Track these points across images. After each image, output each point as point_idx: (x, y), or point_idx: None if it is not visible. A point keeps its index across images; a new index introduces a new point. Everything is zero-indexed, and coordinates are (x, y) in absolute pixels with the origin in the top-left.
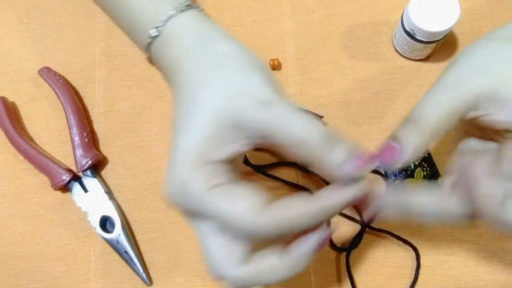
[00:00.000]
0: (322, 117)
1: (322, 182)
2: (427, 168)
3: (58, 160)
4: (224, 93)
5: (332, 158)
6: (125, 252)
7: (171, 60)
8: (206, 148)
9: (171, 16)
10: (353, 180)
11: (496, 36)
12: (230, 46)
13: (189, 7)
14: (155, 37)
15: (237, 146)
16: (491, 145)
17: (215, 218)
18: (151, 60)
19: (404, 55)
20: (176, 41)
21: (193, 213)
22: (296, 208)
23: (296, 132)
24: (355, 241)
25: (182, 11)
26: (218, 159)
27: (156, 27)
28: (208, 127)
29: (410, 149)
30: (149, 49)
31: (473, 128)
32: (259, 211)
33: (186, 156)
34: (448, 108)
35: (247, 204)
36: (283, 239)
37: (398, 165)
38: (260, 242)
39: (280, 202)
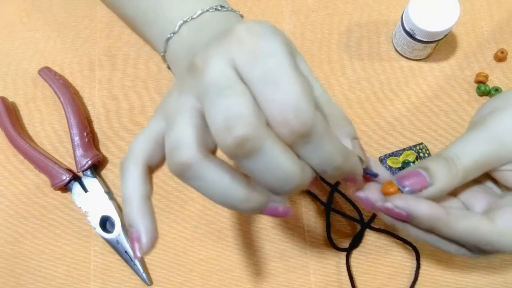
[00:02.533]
0: None
1: (325, 183)
2: None
3: (58, 160)
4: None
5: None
6: (125, 252)
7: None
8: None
9: (205, 11)
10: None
11: None
12: None
13: (224, 8)
14: (185, 21)
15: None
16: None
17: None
18: (164, 58)
19: (404, 55)
20: (205, 27)
21: None
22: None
23: None
24: (355, 241)
25: (217, 10)
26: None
27: (185, 21)
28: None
29: (440, 185)
30: (167, 44)
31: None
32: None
33: (144, 135)
34: (488, 160)
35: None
36: None
37: (423, 195)
38: None
39: None
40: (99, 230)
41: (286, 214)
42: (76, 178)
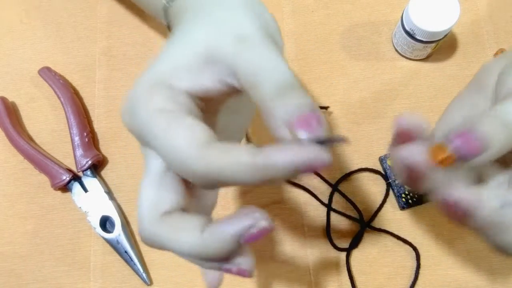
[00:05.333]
0: (327, 107)
1: (325, 183)
2: None
3: (58, 160)
4: (208, 28)
5: (281, 106)
6: (125, 252)
7: (180, 17)
8: (171, 73)
9: None
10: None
11: None
12: None
13: None
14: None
15: (206, 81)
16: None
17: (151, 143)
18: (169, 27)
19: (404, 55)
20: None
21: (141, 139)
22: (237, 156)
23: (260, 71)
24: (355, 241)
25: None
26: (180, 87)
27: None
28: (182, 56)
29: (492, 154)
30: (167, 14)
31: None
32: (201, 146)
33: (148, 77)
34: None
35: (190, 137)
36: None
37: (475, 163)
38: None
39: (223, 144)
40: (99, 230)
41: (263, 233)
42: (76, 178)
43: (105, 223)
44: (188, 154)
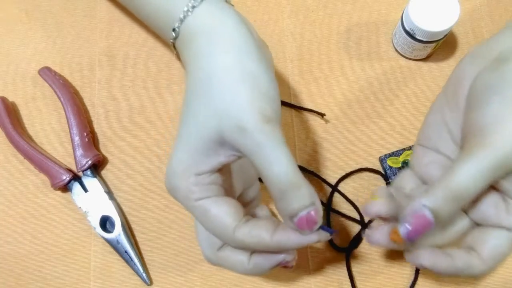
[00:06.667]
0: (324, 114)
1: (325, 184)
2: None
3: (58, 160)
4: (212, 111)
5: (284, 208)
6: (125, 252)
7: (184, 61)
8: (193, 160)
9: (186, 15)
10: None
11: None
12: (232, 56)
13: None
14: (175, 38)
15: (222, 158)
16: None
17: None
18: (178, 57)
19: (404, 55)
20: (189, 42)
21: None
22: (259, 238)
23: (262, 166)
24: (355, 241)
25: (194, 7)
26: (204, 170)
27: (174, 29)
28: (197, 141)
29: (447, 219)
30: (175, 48)
31: None
32: (232, 230)
33: (177, 165)
34: (490, 178)
35: (223, 226)
36: None
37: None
38: None
39: (249, 225)
40: (99, 230)
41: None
42: (76, 178)
43: (105, 223)
44: (223, 236)
